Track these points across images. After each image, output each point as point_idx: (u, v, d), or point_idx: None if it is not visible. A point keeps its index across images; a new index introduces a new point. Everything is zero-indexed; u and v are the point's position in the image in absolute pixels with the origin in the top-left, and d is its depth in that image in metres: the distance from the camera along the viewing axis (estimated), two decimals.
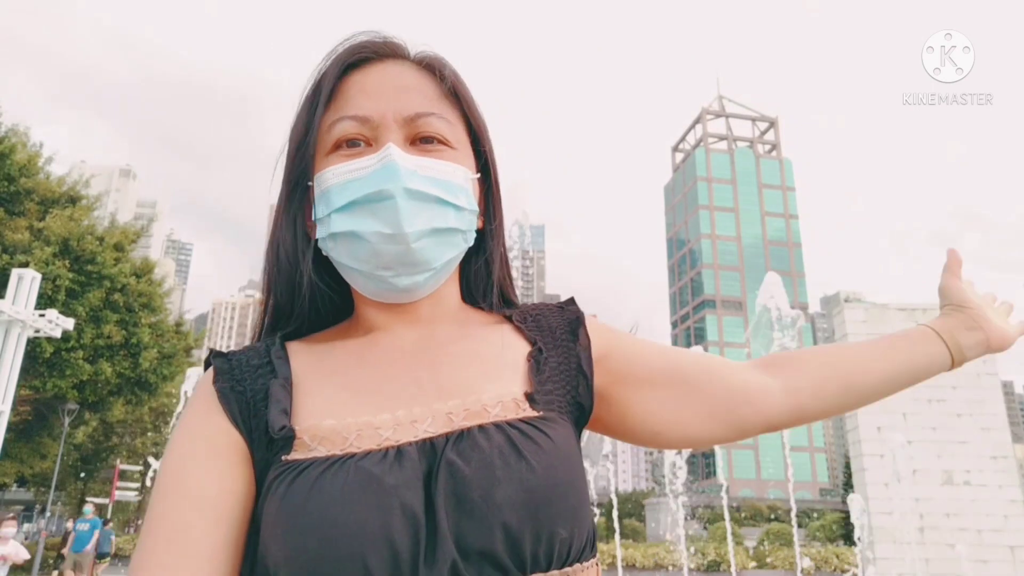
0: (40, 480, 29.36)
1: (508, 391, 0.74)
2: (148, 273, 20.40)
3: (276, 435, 0.69)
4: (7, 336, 11.52)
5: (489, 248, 0.87)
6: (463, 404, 0.72)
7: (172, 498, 0.69)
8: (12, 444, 21.35)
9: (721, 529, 28.70)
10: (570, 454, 0.72)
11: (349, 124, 0.76)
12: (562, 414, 0.77)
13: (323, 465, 0.66)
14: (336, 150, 0.77)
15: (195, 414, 0.74)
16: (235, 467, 0.71)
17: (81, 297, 17.94)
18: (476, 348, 0.80)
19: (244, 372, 0.76)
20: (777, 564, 19.78)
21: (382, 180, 0.72)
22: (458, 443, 0.68)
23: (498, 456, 0.67)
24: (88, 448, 29.13)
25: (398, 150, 0.74)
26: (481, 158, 0.84)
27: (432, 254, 0.75)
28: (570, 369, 0.81)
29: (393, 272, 0.75)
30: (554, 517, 0.66)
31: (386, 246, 0.73)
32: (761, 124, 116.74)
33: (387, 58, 0.81)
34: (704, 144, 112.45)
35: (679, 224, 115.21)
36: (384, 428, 0.70)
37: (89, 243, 18.56)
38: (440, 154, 0.77)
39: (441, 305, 0.83)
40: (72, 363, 17.89)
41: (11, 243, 17.61)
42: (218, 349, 0.80)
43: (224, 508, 0.69)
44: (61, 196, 19.91)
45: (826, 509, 63.11)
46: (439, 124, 0.77)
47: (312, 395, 0.74)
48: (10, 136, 19.01)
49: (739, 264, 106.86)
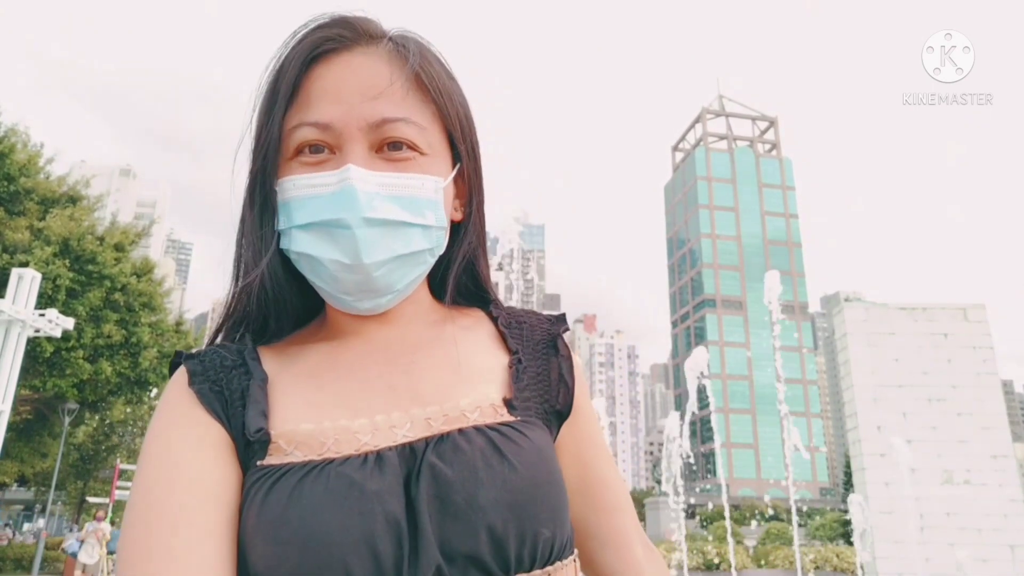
0: (40, 480, 29.37)
1: (486, 397, 0.74)
2: (148, 273, 20.39)
3: (252, 437, 0.68)
4: (7, 336, 11.52)
5: (466, 243, 0.84)
6: (441, 410, 0.71)
7: (164, 484, 0.65)
8: (12, 444, 21.35)
9: (721, 528, 28.69)
10: (549, 455, 0.72)
11: (310, 131, 0.72)
12: (538, 418, 0.76)
13: (301, 471, 0.64)
14: (298, 155, 0.73)
15: (174, 412, 0.70)
16: (224, 455, 0.68)
17: (81, 297, 17.93)
18: (451, 352, 0.79)
19: (219, 373, 0.73)
20: (777, 563, 19.77)
21: (339, 207, 0.69)
22: (439, 446, 0.67)
23: (480, 458, 0.66)
24: (88, 448, 29.15)
25: (358, 171, 0.69)
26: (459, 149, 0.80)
27: (394, 278, 0.73)
28: (549, 378, 0.80)
29: (354, 297, 0.73)
30: (538, 517, 0.66)
31: (345, 275, 0.71)
32: (761, 123, 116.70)
33: (355, 45, 0.75)
34: (704, 143, 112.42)
35: (679, 224, 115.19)
36: (362, 433, 0.68)
37: (89, 243, 18.55)
38: (407, 164, 0.73)
39: (413, 304, 0.81)
40: (72, 362, 17.88)
41: (11, 243, 17.61)
42: (189, 351, 0.77)
43: (220, 491, 0.66)
44: (61, 196, 19.91)
45: (826, 508, 63.10)
46: (407, 129, 0.73)
47: (286, 397, 0.72)
48: (10, 136, 19.01)
49: (739, 263, 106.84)
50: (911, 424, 10.14)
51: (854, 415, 10.47)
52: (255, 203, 0.75)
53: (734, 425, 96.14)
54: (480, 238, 0.86)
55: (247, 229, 0.76)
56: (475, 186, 0.83)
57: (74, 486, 30.61)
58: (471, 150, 0.81)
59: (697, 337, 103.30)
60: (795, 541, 10.77)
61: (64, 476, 28.58)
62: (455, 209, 0.82)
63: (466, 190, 0.83)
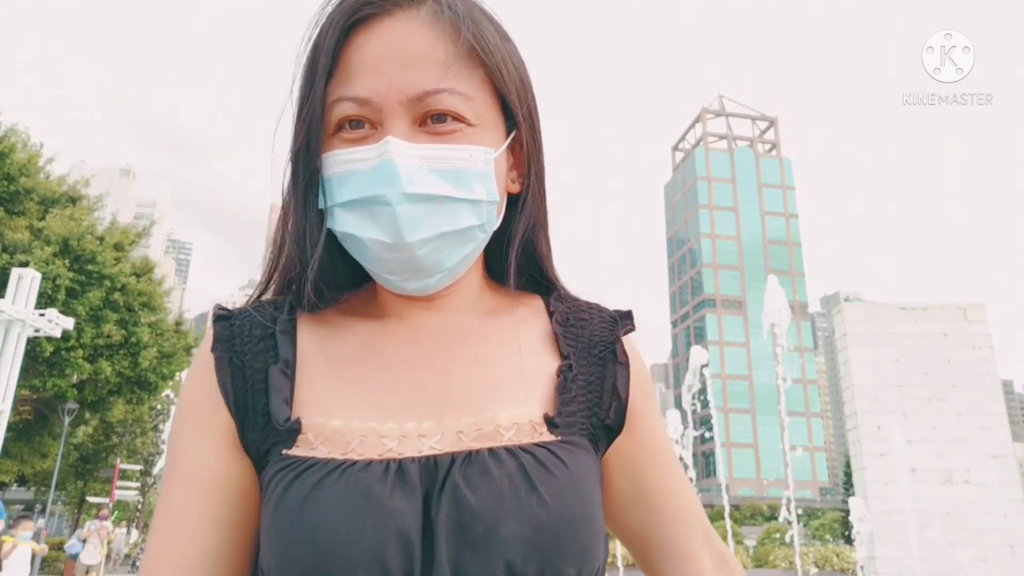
0: (40, 479, 29.34)
1: (525, 412, 0.69)
2: (148, 273, 20.39)
3: (281, 427, 0.66)
4: (7, 335, 11.52)
5: (524, 218, 0.77)
6: (476, 423, 0.67)
7: (168, 476, 0.70)
8: (12, 443, 21.34)
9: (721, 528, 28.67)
10: (587, 484, 0.67)
11: (349, 106, 0.68)
12: (583, 437, 0.71)
13: (323, 470, 0.63)
14: (339, 131, 0.69)
15: (193, 383, 0.72)
16: (223, 448, 0.69)
17: (81, 296, 17.92)
18: (496, 352, 0.74)
19: (245, 343, 0.71)
20: (777, 563, 19.77)
21: (379, 183, 0.65)
22: (465, 466, 0.63)
23: (508, 486, 0.62)
24: (88, 447, 29.12)
25: (398, 144, 0.65)
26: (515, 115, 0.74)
27: (441, 256, 0.69)
28: (602, 388, 0.74)
29: (400, 277, 0.70)
30: (563, 555, 0.62)
31: (388, 254, 0.67)
32: (761, 123, 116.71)
33: (395, 9, 0.69)
34: (704, 143, 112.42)
35: (679, 223, 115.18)
36: (389, 438, 0.66)
37: (89, 243, 18.54)
38: (453, 136, 0.68)
39: (464, 289, 0.76)
40: (72, 362, 17.88)
41: (11, 243, 17.60)
42: (223, 307, 0.74)
43: (211, 487, 0.68)
44: (61, 196, 19.91)
45: (826, 508, 63.07)
46: (451, 100, 0.67)
47: (319, 387, 0.70)
48: (10, 136, 19.01)
49: (739, 263, 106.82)
50: (911, 424, 10.14)
51: (854, 415, 10.47)
52: (299, 181, 0.71)
53: (734, 425, 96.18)
54: (540, 212, 0.79)
55: (293, 207, 0.72)
56: (533, 154, 0.77)
57: (74, 486, 30.58)
58: (528, 115, 0.75)
59: (697, 337, 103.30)
60: (795, 541, 10.76)
61: (64, 476, 28.55)
62: (512, 181, 0.76)
63: (524, 159, 0.77)
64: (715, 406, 22.65)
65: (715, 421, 12.57)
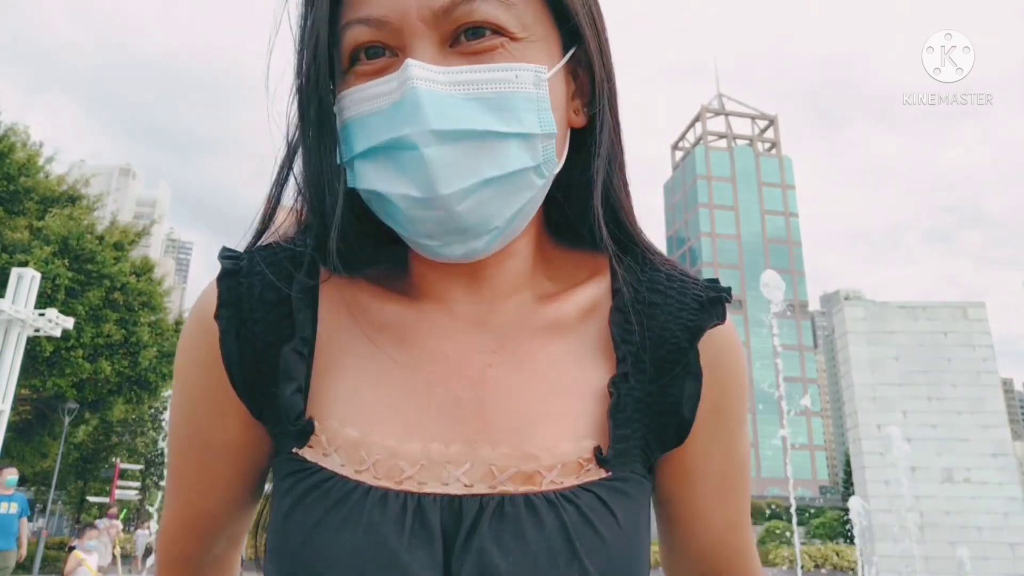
0: (40, 479, 29.35)
1: (572, 446, 0.58)
2: (148, 272, 20.37)
3: (292, 425, 0.58)
4: (7, 335, 11.52)
5: (595, 158, 0.61)
6: (512, 457, 0.56)
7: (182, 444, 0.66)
8: (12, 443, 21.33)
9: None
10: (636, 537, 0.58)
11: (362, 30, 0.55)
12: (636, 466, 0.60)
13: (333, 495, 0.55)
14: (353, 64, 0.57)
15: (194, 346, 0.63)
16: (229, 416, 0.64)
17: (81, 296, 17.92)
18: (546, 358, 0.61)
19: (255, 310, 0.60)
20: (777, 562, 19.77)
21: (402, 121, 0.52)
22: (497, 520, 0.53)
23: (545, 552, 0.52)
24: (88, 447, 29.12)
25: (421, 68, 0.52)
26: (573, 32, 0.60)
27: (489, 211, 0.55)
28: (663, 402, 0.61)
29: (439, 241, 0.56)
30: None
31: (420, 212, 0.54)
32: (761, 122, 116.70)
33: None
34: (704, 142, 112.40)
35: (679, 222, 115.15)
36: (409, 463, 0.56)
37: (89, 242, 18.53)
38: (493, 55, 0.54)
39: (515, 260, 0.62)
40: (72, 362, 17.87)
41: (11, 242, 17.60)
42: (231, 249, 0.63)
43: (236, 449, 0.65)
44: (61, 195, 19.90)
45: (826, 507, 63.11)
46: (487, 8, 0.54)
47: (335, 379, 0.60)
48: (9, 135, 19.00)
49: (739, 262, 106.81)
50: (911, 423, 10.15)
51: (854, 414, 10.47)
52: (308, 128, 0.59)
53: None
54: (616, 149, 0.64)
55: (311, 159, 0.59)
56: (601, 76, 0.61)
57: (74, 486, 30.59)
58: (591, 22, 0.61)
59: None
60: (796, 540, 10.77)
61: (64, 476, 28.55)
62: (574, 113, 0.62)
63: (588, 83, 0.62)
64: None
65: None
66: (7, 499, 8.98)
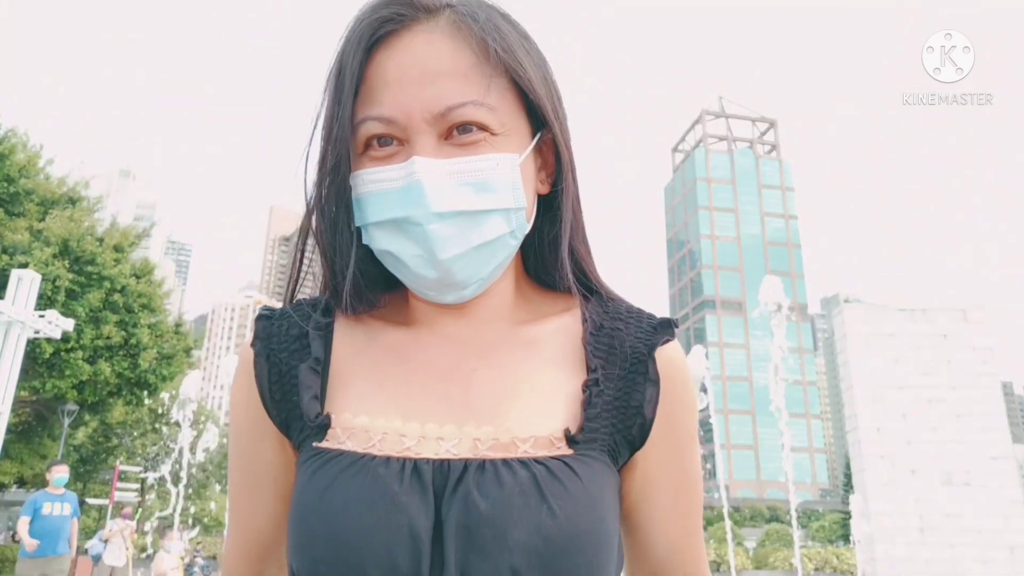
0: (40, 481, 29.31)
1: (545, 425, 0.69)
2: (148, 274, 20.37)
3: (311, 423, 0.70)
4: (7, 337, 11.51)
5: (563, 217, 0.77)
6: (493, 433, 0.68)
7: (234, 474, 0.79)
8: (12, 445, 21.33)
9: (721, 530, 28.66)
10: (601, 498, 0.67)
11: (375, 125, 0.69)
12: (603, 452, 0.71)
13: (344, 462, 0.67)
14: (367, 149, 0.71)
15: (239, 382, 0.78)
16: (267, 439, 0.76)
17: (81, 298, 17.91)
18: (522, 364, 0.74)
19: (282, 342, 0.76)
20: (777, 565, 19.75)
21: (409, 204, 0.67)
22: (479, 474, 0.65)
23: (519, 495, 0.63)
24: (88, 449, 29.12)
25: (424, 163, 0.66)
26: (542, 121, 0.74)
27: (475, 268, 0.70)
28: (628, 405, 0.73)
29: (436, 292, 0.72)
30: (570, 568, 0.63)
31: (425, 270, 0.69)
32: (761, 125, 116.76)
33: (414, 23, 0.70)
34: (704, 145, 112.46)
35: (679, 225, 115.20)
36: (409, 437, 0.68)
37: (89, 244, 18.53)
38: (478, 147, 0.68)
39: (496, 297, 0.77)
40: (72, 364, 17.86)
41: (11, 244, 17.60)
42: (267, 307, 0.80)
43: (276, 471, 0.77)
44: (61, 197, 19.90)
45: (826, 510, 63.05)
46: (475, 112, 0.68)
47: (348, 387, 0.73)
48: (10, 137, 19.01)
49: (739, 265, 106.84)
50: (911, 425, 10.14)
51: (854, 416, 10.47)
52: (330, 199, 0.73)
53: (733, 426, 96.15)
54: (574, 211, 0.78)
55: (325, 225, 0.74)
56: (563, 153, 0.76)
57: (74, 488, 30.56)
58: (555, 114, 0.75)
59: (697, 338, 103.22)
60: (795, 543, 10.75)
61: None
62: (540, 182, 0.77)
63: (552, 158, 0.77)
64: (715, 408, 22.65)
65: (715, 423, 12.54)
66: (59, 499, 8.26)
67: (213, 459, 32.50)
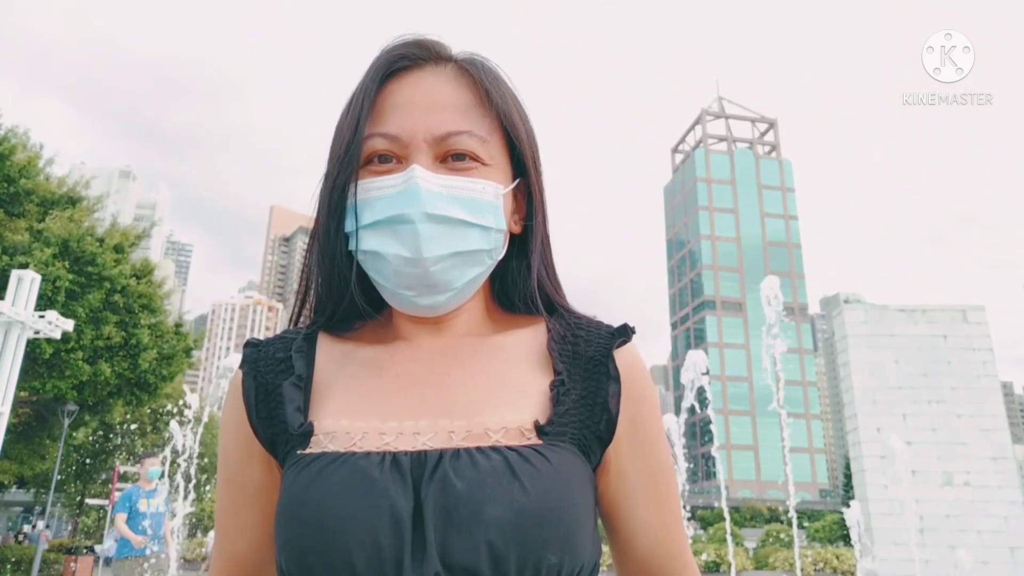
0: (40, 482, 29.33)
1: (516, 418, 0.74)
2: (148, 275, 20.35)
3: (295, 431, 0.75)
4: (7, 337, 11.51)
5: (528, 252, 0.86)
6: (467, 426, 0.73)
7: (222, 492, 0.84)
8: (12, 445, 21.33)
9: (721, 530, 28.67)
10: (570, 479, 0.71)
11: (379, 141, 0.77)
12: (573, 444, 0.75)
13: (327, 460, 0.71)
14: (368, 164, 0.78)
15: (228, 404, 0.83)
16: (254, 459, 0.81)
17: (81, 298, 17.91)
18: (494, 369, 0.80)
19: (268, 365, 0.82)
20: (777, 566, 19.76)
21: (404, 204, 0.74)
22: (454, 460, 0.69)
23: (491, 475, 0.68)
24: (88, 449, 29.11)
25: (422, 172, 0.74)
26: (521, 165, 0.84)
27: (452, 275, 0.76)
28: (594, 403, 0.78)
29: (414, 292, 0.77)
30: (543, 541, 0.66)
31: (406, 268, 0.75)
32: (761, 125, 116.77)
33: (425, 64, 0.81)
34: (704, 145, 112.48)
35: (679, 225, 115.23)
36: (388, 434, 0.73)
37: (89, 244, 18.52)
38: (469, 172, 0.77)
39: (468, 314, 0.84)
40: (72, 364, 17.86)
41: (11, 244, 17.59)
42: (255, 339, 0.86)
43: (262, 491, 0.81)
44: (61, 197, 19.89)
45: (826, 510, 63.06)
46: (470, 142, 0.77)
47: (330, 398, 0.78)
48: (10, 137, 19.00)
49: (739, 265, 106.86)
50: (911, 426, 10.14)
51: (854, 417, 10.46)
52: (330, 208, 0.80)
53: (733, 427, 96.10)
54: (545, 251, 0.87)
55: (321, 232, 0.82)
56: (537, 201, 0.85)
57: (73, 488, 30.56)
58: (534, 165, 0.85)
59: (697, 339, 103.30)
60: (795, 543, 10.76)
61: (63, 478, 28.56)
62: (514, 223, 0.85)
63: (525, 205, 0.86)
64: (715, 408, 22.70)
65: (714, 423, 12.56)
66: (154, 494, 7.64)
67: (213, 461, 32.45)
